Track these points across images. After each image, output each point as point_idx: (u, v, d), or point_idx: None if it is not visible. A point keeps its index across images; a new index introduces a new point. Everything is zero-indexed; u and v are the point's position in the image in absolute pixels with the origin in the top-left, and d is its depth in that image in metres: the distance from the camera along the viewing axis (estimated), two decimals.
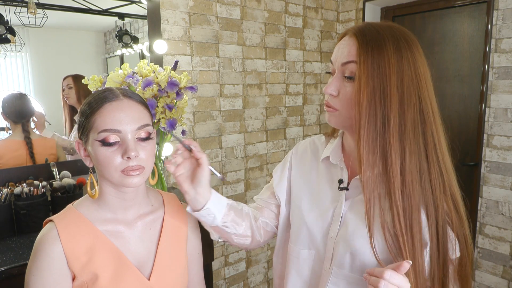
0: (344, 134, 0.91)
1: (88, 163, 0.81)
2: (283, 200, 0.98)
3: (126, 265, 0.80)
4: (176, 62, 1.29)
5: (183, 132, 1.35)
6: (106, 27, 1.93)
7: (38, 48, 1.73)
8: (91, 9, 1.81)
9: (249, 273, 2.56)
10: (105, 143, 0.75)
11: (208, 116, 2.20)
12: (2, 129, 1.66)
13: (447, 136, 0.80)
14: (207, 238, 1.01)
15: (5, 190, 1.49)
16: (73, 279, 0.77)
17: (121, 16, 1.93)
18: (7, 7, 1.58)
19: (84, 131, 0.78)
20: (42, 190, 1.57)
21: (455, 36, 2.43)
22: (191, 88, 1.24)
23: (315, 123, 2.84)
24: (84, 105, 0.79)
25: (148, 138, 0.79)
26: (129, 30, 1.96)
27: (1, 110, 1.63)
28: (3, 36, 1.59)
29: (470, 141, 2.38)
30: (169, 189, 1.95)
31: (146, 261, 0.84)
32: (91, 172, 0.83)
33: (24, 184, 1.55)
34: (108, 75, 1.17)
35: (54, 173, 1.67)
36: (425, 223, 0.76)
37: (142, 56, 2.01)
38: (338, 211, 0.85)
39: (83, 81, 1.20)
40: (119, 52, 1.96)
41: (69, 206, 0.83)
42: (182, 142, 0.84)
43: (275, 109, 2.55)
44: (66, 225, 0.78)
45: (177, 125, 1.22)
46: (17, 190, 1.51)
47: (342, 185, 0.86)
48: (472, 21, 2.34)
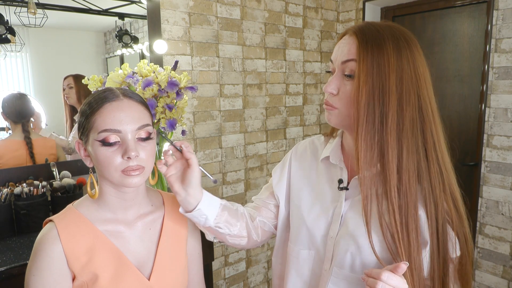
0: (343, 134, 0.91)
1: (88, 163, 0.81)
2: (282, 200, 0.98)
3: (126, 265, 0.80)
4: (176, 62, 1.29)
5: (183, 132, 1.35)
6: (106, 27, 1.93)
7: (38, 48, 1.73)
8: (91, 9, 1.81)
9: (249, 273, 2.56)
10: (105, 143, 0.75)
11: (208, 116, 2.20)
12: (2, 129, 1.66)
13: (446, 135, 0.80)
14: None
15: (5, 190, 1.49)
16: (73, 279, 0.77)
17: (121, 16, 1.93)
18: (7, 7, 1.58)
19: (84, 131, 0.78)
20: (42, 190, 1.57)
21: (455, 36, 2.43)
22: (191, 88, 1.24)
23: (315, 123, 2.84)
24: (84, 105, 0.79)
25: (148, 138, 0.79)
26: (129, 30, 1.96)
27: (1, 110, 1.63)
28: (3, 36, 1.59)
29: (470, 141, 2.38)
30: (169, 189, 1.95)
31: (146, 261, 0.84)
32: (91, 172, 0.83)
33: (24, 184, 1.55)
34: (108, 75, 1.17)
35: (54, 173, 1.67)
36: (425, 222, 0.76)
37: (142, 56, 2.01)
38: (338, 211, 0.85)
39: (83, 81, 1.20)
40: (119, 52, 1.96)
41: (69, 206, 0.83)
42: (172, 142, 0.84)
43: (275, 109, 2.55)
44: (66, 225, 0.78)
45: (177, 125, 1.22)
46: (17, 190, 1.51)
47: (342, 185, 0.86)
48: (472, 21, 2.34)
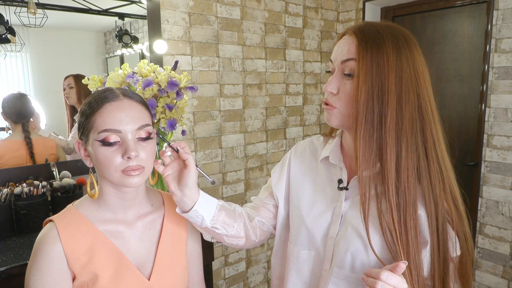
0: (343, 134, 0.91)
1: (88, 163, 0.81)
2: (281, 200, 0.97)
3: (126, 265, 0.80)
4: (176, 62, 1.29)
5: (183, 132, 1.35)
6: (106, 27, 1.93)
7: (38, 48, 1.73)
8: (91, 9, 1.81)
9: (249, 273, 2.56)
10: (105, 143, 0.75)
11: (208, 116, 2.20)
12: (2, 129, 1.66)
13: (445, 135, 0.80)
14: None
15: (5, 190, 1.50)
16: (73, 279, 0.77)
17: (121, 16, 1.93)
18: (7, 7, 1.58)
19: (84, 131, 0.78)
20: (42, 190, 1.57)
21: (455, 36, 2.43)
22: (191, 88, 1.24)
23: (315, 123, 2.84)
24: (84, 105, 0.79)
25: (148, 138, 0.79)
26: (129, 30, 1.96)
27: (1, 110, 1.63)
28: (3, 36, 1.59)
29: (470, 141, 2.38)
30: None
31: (146, 261, 0.84)
32: (91, 172, 0.83)
33: (24, 184, 1.55)
34: (108, 75, 1.17)
35: (54, 173, 1.67)
36: (425, 221, 0.76)
37: (142, 56, 2.01)
38: (338, 211, 0.85)
39: (83, 81, 1.20)
40: (119, 52, 1.96)
41: (69, 206, 0.83)
42: (168, 143, 0.84)
43: (275, 109, 2.55)
44: (66, 225, 0.78)
45: (177, 125, 1.22)
46: (17, 190, 1.51)
47: (341, 185, 0.86)
48: (472, 21, 2.34)
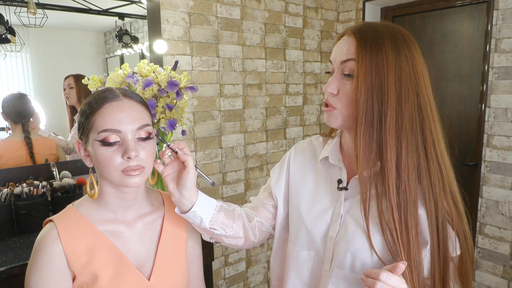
0: (342, 134, 0.91)
1: (88, 163, 0.81)
2: (281, 200, 0.97)
3: (126, 265, 0.80)
4: (176, 62, 1.29)
5: (183, 132, 1.35)
6: (106, 27, 1.93)
7: (38, 48, 1.73)
8: (91, 9, 1.81)
9: (249, 273, 2.56)
10: (105, 143, 0.75)
11: (208, 116, 2.20)
12: (2, 129, 1.66)
13: (445, 134, 0.80)
14: None
15: (5, 190, 1.50)
16: (73, 279, 0.77)
17: (121, 16, 1.93)
18: (7, 7, 1.58)
19: (84, 131, 0.78)
20: (42, 190, 1.57)
21: (455, 36, 2.43)
22: (191, 88, 1.24)
23: (315, 123, 2.84)
24: (84, 105, 0.79)
25: (148, 138, 0.79)
26: (129, 30, 1.96)
27: (1, 110, 1.63)
28: (3, 36, 1.59)
29: (470, 141, 2.38)
30: None
31: (146, 261, 0.84)
32: (91, 172, 0.83)
33: (24, 184, 1.55)
34: (108, 75, 1.17)
35: (54, 173, 1.67)
36: (425, 221, 0.76)
37: (142, 56, 2.01)
38: (337, 211, 0.85)
39: (83, 81, 1.20)
40: (119, 52, 1.96)
41: (69, 206, 0.83)
42: (168, 144, 0.84)
43: (275, 109, 2.55)
44: (66, 225, 0.78)
45: (177, 125, 1.22)
46: (17, 190, 1.51)
47: (341, 185, 0.86)
48: (472, 21, 2.34)
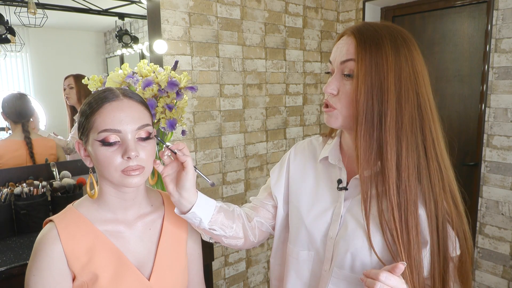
0: (342, 134, 0.91)
1: (88, 163, 0.81)
2: (281, 200, 0.97)
3: (126, 265, 0.80)
4: (176, 62, 1.29)
5: (183, 132, 1.35)
6: (106, 27, 1.93)
7: (38, 48, 1.73)
8: (91, 9, 1.81)
9: (249, 273, 2.56)
10: (105, 143, 0.75)
11: (208, 116, 2.20)
12: (2, 129, 1.66)
13: (444, 134, 0.81)
14: None
15: (5, 190, 1.50)
16: (73, 279, 0.77)
17: (121, 16, 1.93)
18: (7, 7, 1.58)
19: (84, 131, 0.78)
20: (42, 190, 1.57)
21: (455, 36, 2.43)
22: (191, 88, 1.24)
23: (315, 123, 2.84)
24: (84, 105, 0.79)
25: (148, 138, 0.79)
26: (129, 30, 1.96)
27: (1, 110, 1.63)
28: (3, 36, 1.59)
29: (470, 141, 2.38)
30: None
31: (146, 261, 0.84)
32: (91, 172, 0.83)
33: (24, 184, 1.55)
34: (108, 75, 1.17)
35: (54, 173, 1.67)
36: (425, 221, 0.76)
37: (142, 56, 2.01)
38: (337, 211, 0.85)
39: (83, 81, 1.20)
40: (119, 52, 1.96)
41: (69, 206, 0.83)
42: (167, 145, 0.84)
43: (275, 109, 2.55)
44: (66, 225, 0.78)
45: (177, 125, 1.22)
46: (17, 190, 1.51)
47: (341, 185, 0.86)
48: (472, 21, 2.34)
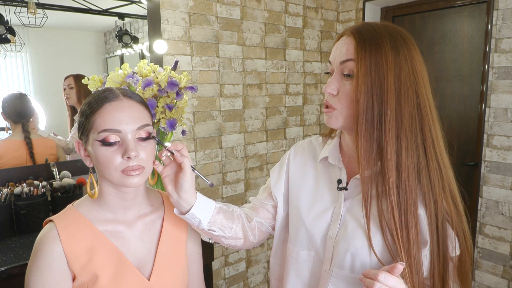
0: (342, 134, 0.91)
1: (88, 163, 0.81)
2: (280, 200, 0.97)
3: (126, 265, 0.80)
4: (176, 62, 1.29)
5: (183, 132, 1.35)
6: (106, 27, 1.93)
7: (38, 48, 1.73)
8: (91, 9, 1.81)
9: (249, 273, 2.56)
10: (105, 143, 0.75)
11: (208, 116, 2.20)
12: (2, 129, 1.66)
13: (444, 133, 0.81)
14: None
15: (5, 190, 1.50)
16: (73, 279, 0.77)
17: (121, 16, 1.93)
18: (7, 7, 1.58)
19: (84, 131, 0.78)
20: (42, 190, 1.57)
21: (455, 36, 2.43)
22: (191, 88, 1.24)
23: (315, 123, 2.84)
24: (84, 105, 0.79)
25: (148, 138, 0.79)
26: (129, 30, 1.96)
27: (1, 110, 1.63)
28: (3, 36, 1.59)
29: (470, 141, 2.38)
30: None
31: (146, 261, 0.84)
32: (91, 172, 0.83)
33: (24, 184, 1.55)
34: (108, 75, 1.17)
35: (54, 173, 1.67)
36: (425, 220, 0.76)
37: (142, 56, 2.01)
38: (337, 211, 0.85)
39: (83, 81, 1.20)
40: (119, 52, 1.96)
41: (69, 206, 0.83)
42: (164, 146, 0.83)
43: (275, 109, 2.55)
44: (66, 225, 0.78)
45: (177, 125, 1.22)
46: (17, 190, 1.51)
47: (341, 185, 0.86)
48: (472, 21, 2.34)
